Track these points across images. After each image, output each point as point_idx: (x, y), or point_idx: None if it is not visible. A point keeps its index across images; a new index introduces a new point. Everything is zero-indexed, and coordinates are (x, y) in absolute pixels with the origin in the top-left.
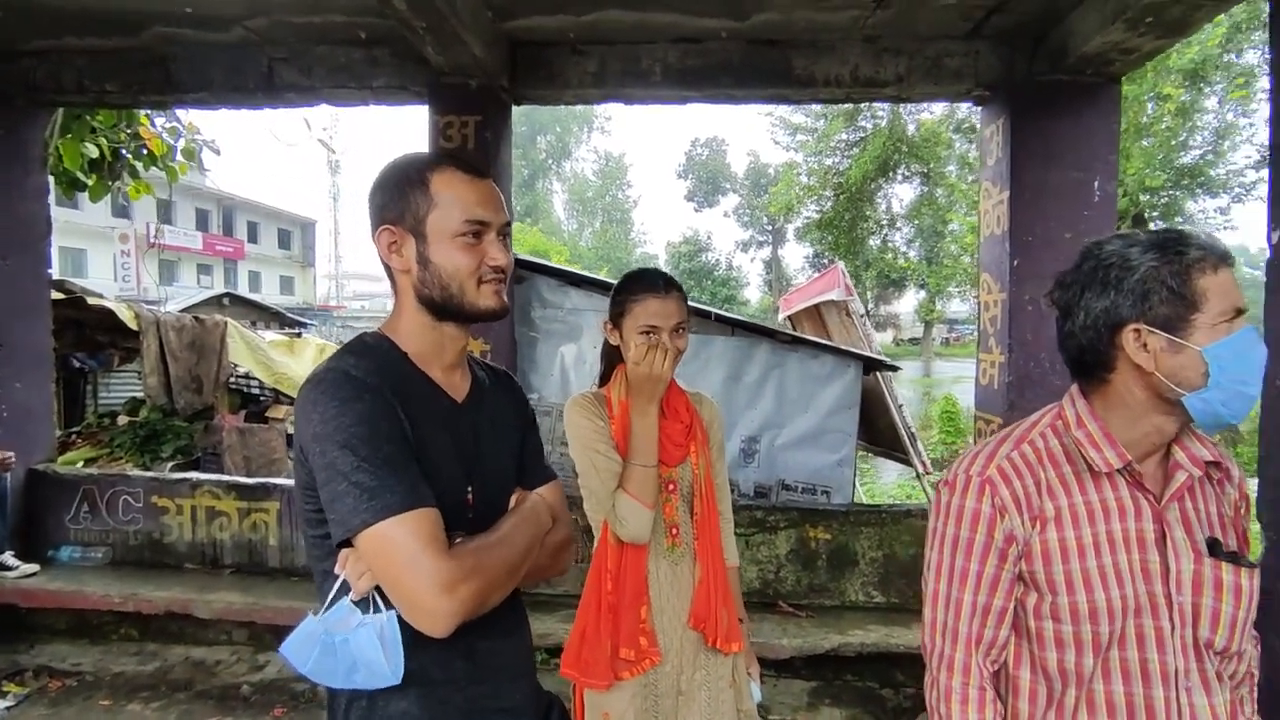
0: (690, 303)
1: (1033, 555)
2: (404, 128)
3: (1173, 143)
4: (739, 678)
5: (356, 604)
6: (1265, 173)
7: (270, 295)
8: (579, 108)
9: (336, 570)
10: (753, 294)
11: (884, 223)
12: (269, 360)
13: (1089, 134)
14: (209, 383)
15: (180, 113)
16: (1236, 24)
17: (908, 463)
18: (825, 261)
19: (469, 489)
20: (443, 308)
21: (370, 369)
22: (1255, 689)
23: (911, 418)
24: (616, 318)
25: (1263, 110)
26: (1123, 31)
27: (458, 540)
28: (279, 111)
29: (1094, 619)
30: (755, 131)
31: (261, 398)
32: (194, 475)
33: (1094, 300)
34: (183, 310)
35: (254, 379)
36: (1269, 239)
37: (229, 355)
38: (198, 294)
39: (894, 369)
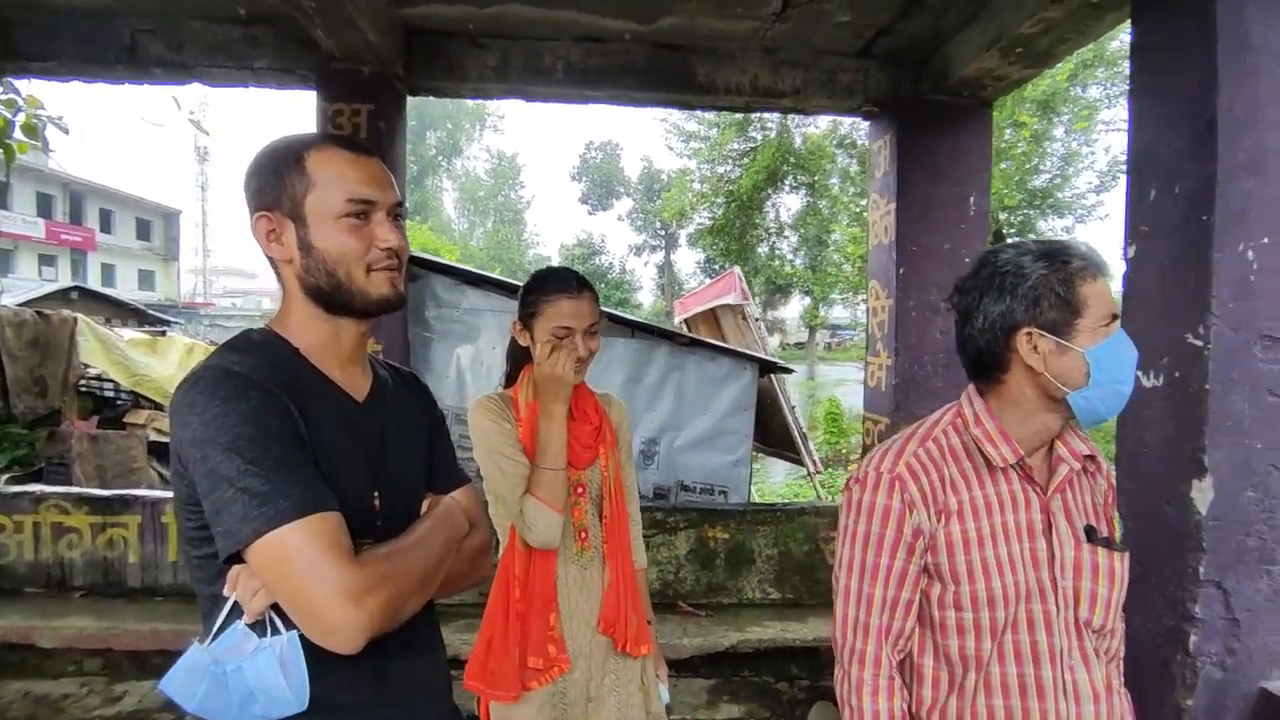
0: None
1: (937, 547)
2: (292, 114)
3: (1026, 166)
4: (648, 680)
5: (251, 628)
6: (1104, 197)
7: (127, 290)
8: (471, 104)
9: (225, 592)
10: (645, 298)
11: (772, 231)
12: (127, 360)
13: (966, 152)
14: (55, 385)
15: (21, 84)
16: (1083, 61)
17: (799, 462)
18: (717, 267)
19: (375, 494)
20: (331, 297)
21: (256, 365)
22: (1121, 663)
23: (802, 419)
24: (527, 318)
25: (1103, 140)
26: (995, 59)
27: (365, 547)
28: (145, 90)
29: (991, 605)
30: (649, 137)
31: (119, 402)
32: (37, 488)
33: (991, 305)
34: (22, 304)
35: (109, 381)
36: (1125, 254)
37: (79, 355)
38: (39, 287)
39: (788, 371)
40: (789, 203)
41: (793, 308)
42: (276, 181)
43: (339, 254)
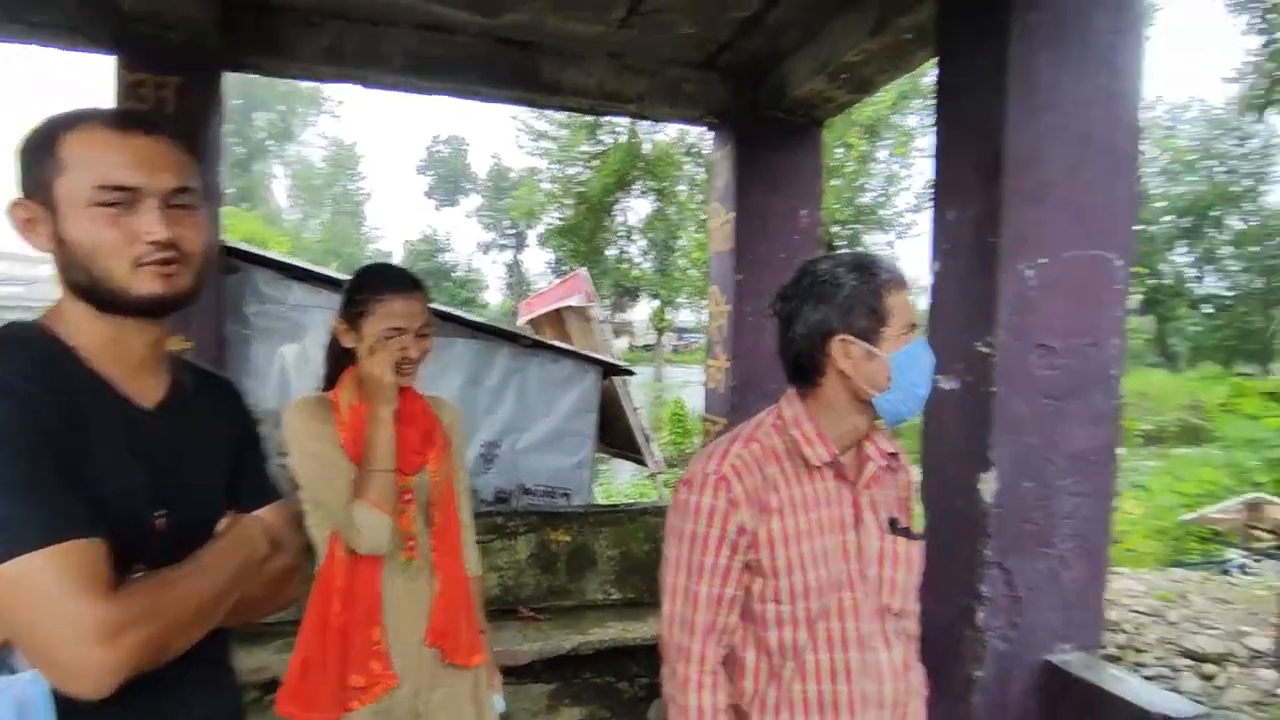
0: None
1: (759, 544)
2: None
3: (855, 185)
4: (480, 692)
5: None
6: (919, 215)
7: None
8: (305, 86)
9: None
10: (493, 297)
11: (621, 234)
12: None
13: (801, 167)
14: None
15: None
16: (903, 93)
17: (643, 463)
18: (566, 268)
19: (159, 513)
20: (93, 294)
21: (13, 367)
22: (917, 641)
23: (646, 420)
24: (354, 317)
25: (919, 164)
26: (824, 83)
27: (137, 575)
28: None
29: (807, 597)
30: (499, 134)
31: None
32: None
33: (810, 312)
34: None
35: None
36: (930, 269)
37: None
38: None
39: (630, 373)
40: (638, 207)
41: (641, 310)
42: (32, 164)
43: (92, 247)
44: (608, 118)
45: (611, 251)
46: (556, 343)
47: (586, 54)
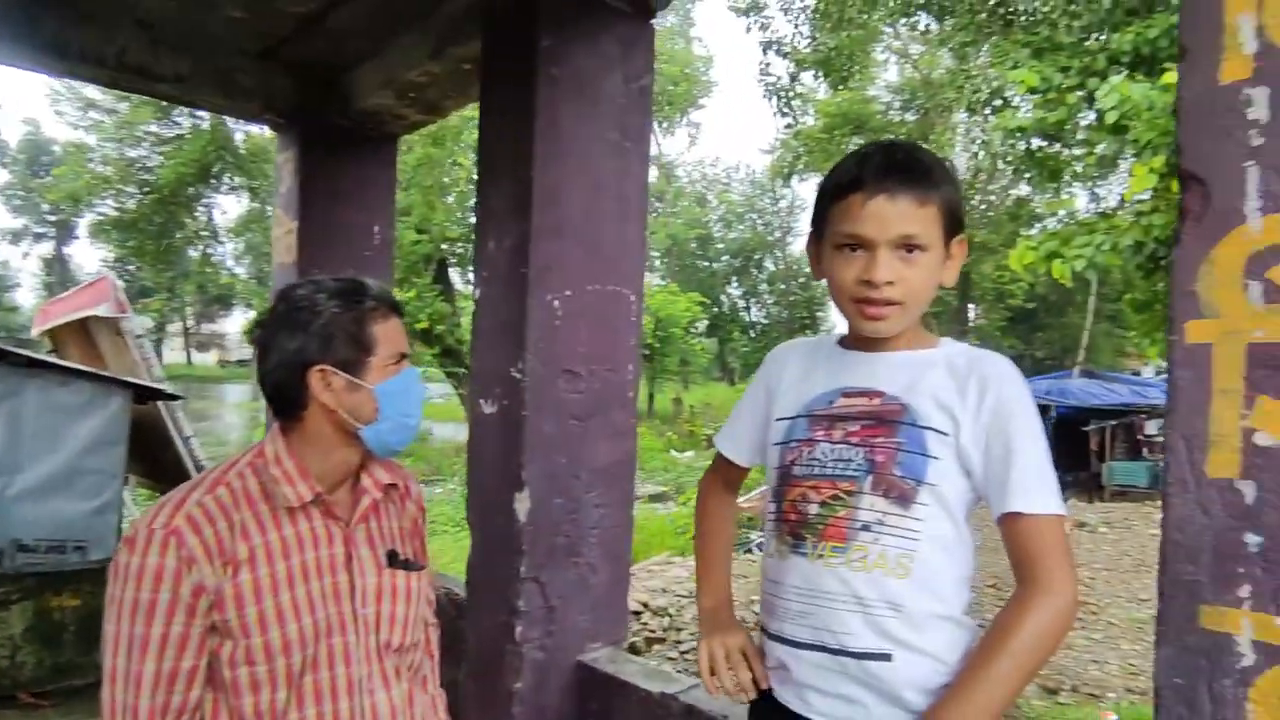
0: None
1: (225, 602)
2: None
3: (466, 203)
4: None
5: None
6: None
7: None
8: None
9: None
10: (26, 298)
11: (206, 234)
12: None
13: (372, 181)
14: None
15: None
16: None
17: None
18: (133, 268)
19: None
20: None
21: None
22: (436, 666)
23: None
24: None
25: None
26: (392, 99)
27: None
28: None
29: (286, 652)
30: (35, 97)
31: None
32: None
33: (286, 341)
34: None
35: None
36: (474, 295)
37: None
38: None
39: (175, 398)
40: (227, 204)
41: (236, 321)
42: None
43: None
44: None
45: (195, 252)
46: (67, 363)
47: (104, 15)
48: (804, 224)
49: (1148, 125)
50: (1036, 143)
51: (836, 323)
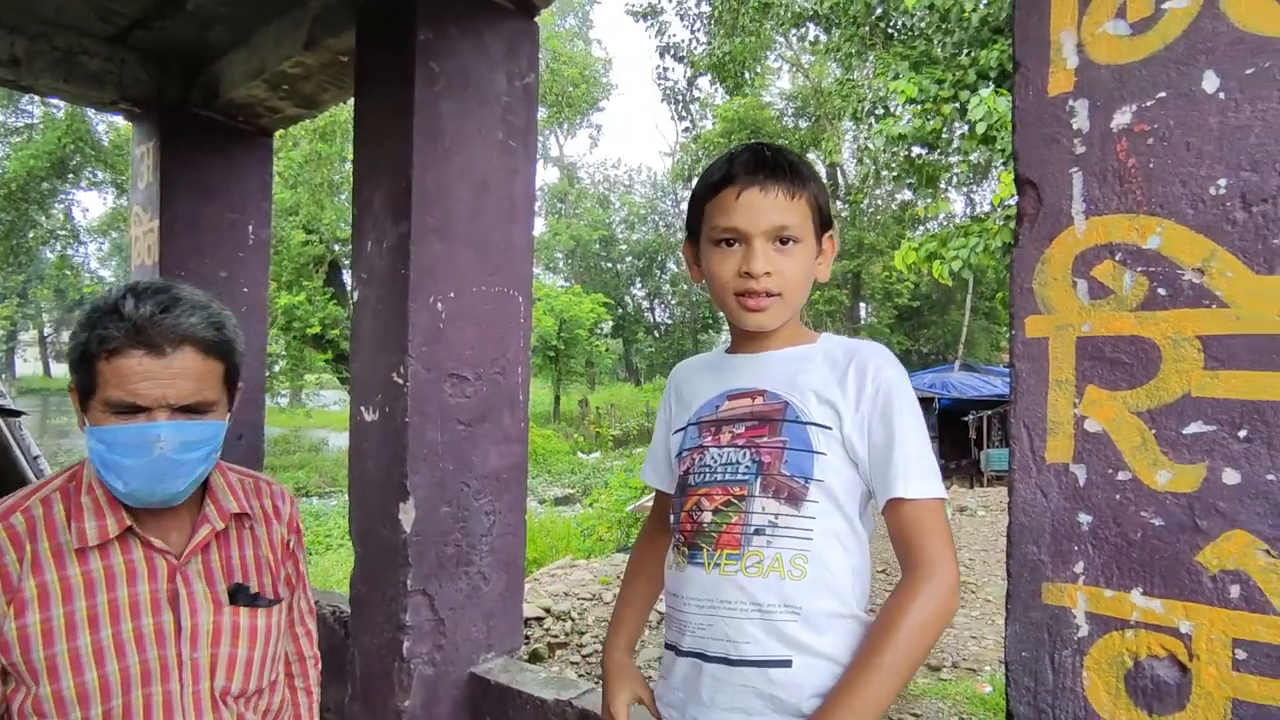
0: None
1: (10, 645)
2: None
3: None
4: None
5: None
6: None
7: None
8: None
9: None
10: None
11: (64, 233)
12: None
13: (244, 178)
14: None
15: None
16: None
17: None
18: None
19: None
20: None
21: None
22: (314, 704)
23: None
24: None
25: None
26: (265, 91)
27: None
28: None
29: (84, 703)
30: None
31: None
32: None
33: (73, 353)
34: None
35: None
36: (350, 298)
37: None
38: None
39: (17, 414)
40: (88, 202)
41: None
42: None
43: None
44: None
45: (51, 253)
46: None
47: None
48: None
49: None
50: (917, 150)
51: None
